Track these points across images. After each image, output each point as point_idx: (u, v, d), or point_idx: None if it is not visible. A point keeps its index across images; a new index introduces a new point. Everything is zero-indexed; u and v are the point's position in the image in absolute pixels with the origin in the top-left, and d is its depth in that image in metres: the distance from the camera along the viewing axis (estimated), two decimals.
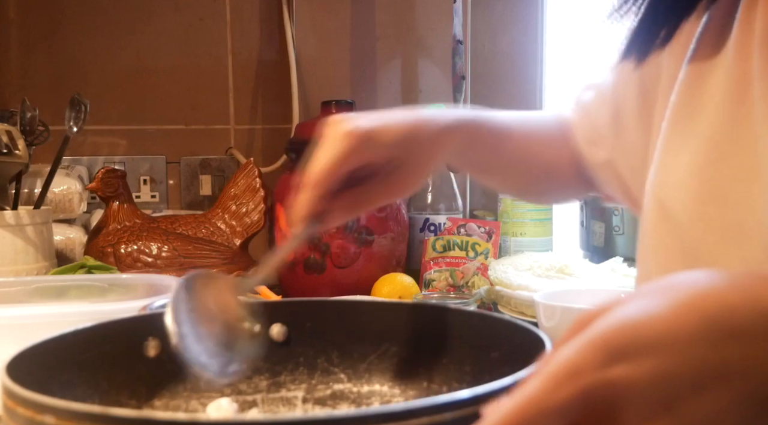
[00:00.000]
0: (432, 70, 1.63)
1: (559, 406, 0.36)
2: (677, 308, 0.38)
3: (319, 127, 0.68)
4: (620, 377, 0.37)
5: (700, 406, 0.37)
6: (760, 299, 0.38)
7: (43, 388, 0.47)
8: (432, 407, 0.41)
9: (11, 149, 1.23)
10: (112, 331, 0.62)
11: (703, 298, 0.38)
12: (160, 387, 0.64)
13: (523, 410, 0.36)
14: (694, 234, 0.62)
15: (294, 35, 1.58)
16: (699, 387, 0.37)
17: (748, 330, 0.37)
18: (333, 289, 1.29)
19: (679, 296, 0.39)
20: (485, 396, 0.41)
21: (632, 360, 0.37)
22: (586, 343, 0.38)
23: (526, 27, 1.64)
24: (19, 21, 1.57)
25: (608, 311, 0.40)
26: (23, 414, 0.44)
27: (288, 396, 0.66)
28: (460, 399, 0.41)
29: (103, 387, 0.61)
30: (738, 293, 0.38)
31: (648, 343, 0.37)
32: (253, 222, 1.37)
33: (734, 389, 0.37)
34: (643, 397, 0.37)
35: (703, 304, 0.38)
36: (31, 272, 1.23)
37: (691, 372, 0.37)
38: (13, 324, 0.87)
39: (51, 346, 0.57)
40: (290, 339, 0.67)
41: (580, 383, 0.37)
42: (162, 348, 0.63)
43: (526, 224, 1.42)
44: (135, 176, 1.60)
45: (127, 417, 0.40)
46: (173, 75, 1.60)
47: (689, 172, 0.63)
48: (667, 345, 0.37)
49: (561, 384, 0.37)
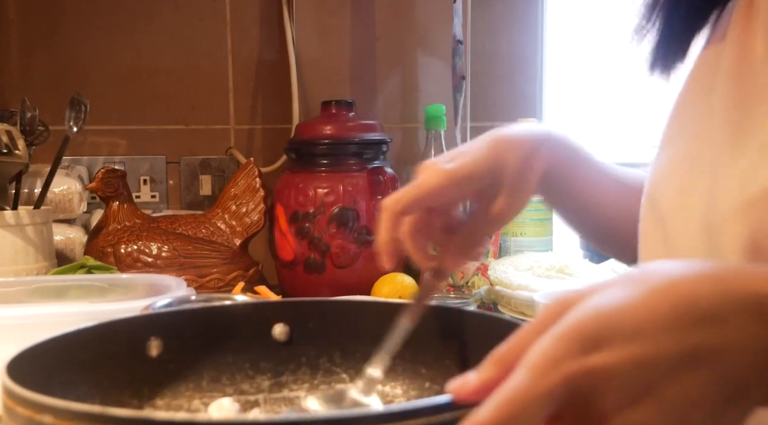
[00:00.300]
0: (432, 71, 1.63)
1: (545, 395, 0.38)
2: (649, 296, 0.39)
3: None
4: (599, 365, 0.38)
5: (677, 389, 0.38)
6: (729, 288, 0.40)
7: (44, 387, 0.47)
8: (433, 407, 0.41)
9: (11, 149, 1.23)
10: (114, 331, 0.62)
11: (674, 286, 0.40)
12: (162, 387, 0.64)
13: (510, 401, 0.37)
14: (674, 226, 0.63)
15: (294, 35, 1.57)
16: (674, 370, 0.38)
17: (718, 315, 0.39)
18: (333, 289, 1.29)
19: (651, 285, 0.40)
20: None
21: (609, 348, 0.38)
22: (563, 334, 0.39)
23: (526, 27, 1.64)
24: (19, 21, 1.56)
25: (581, 301, 0.41)
26: (22, 414, 0.44)
27: (290, 396, 0.66)
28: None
29: (104, 387, 0.61)
30: (708, 282, 0.40)
31: (622, 331, 0.39)
32: (253, 222, 1.37)
33: (708, 372, 0.38)
34: (622, 383, 0.38)
35: (674, 292, 0.40)
36: (31, 272, 1.23)
37: (666, 357, 0.38)
38: (13, 323, 0.87)
39: (53, 345, 0.58)
40: (293, 338, 0.67)
41: (562, 371, 0.38)
42: (164, 348, 0.64)
43: (526, 224, 1.42)
44: (135, 176, 1.60)
45: (125, 416, 0.41)
46: (173, 75, 1.60)
47: (673, 164, 0.65)
48: (641, 332, 0.38)
49: (544, 374, 0.38)
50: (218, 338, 0.66)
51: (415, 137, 1.64)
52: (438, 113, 1.48)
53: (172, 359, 0.64)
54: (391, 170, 1.39)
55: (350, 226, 1.32)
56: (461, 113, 1.46)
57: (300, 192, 1.34)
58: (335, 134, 1.36)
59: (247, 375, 0.66)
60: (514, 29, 1.64)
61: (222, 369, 0.66)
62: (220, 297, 0.83)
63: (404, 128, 1.63)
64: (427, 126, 1.49)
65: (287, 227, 1.34)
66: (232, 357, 0.66)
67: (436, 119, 1.48)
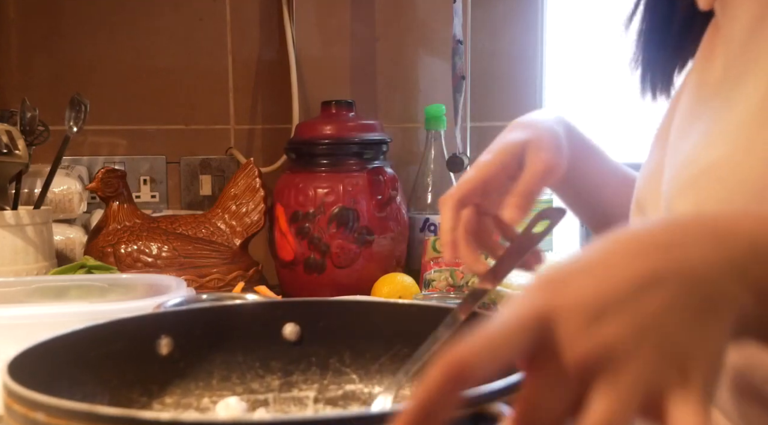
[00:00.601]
0: (432, 70, 1.63)
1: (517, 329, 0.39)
2: (606, 244, 0.42)
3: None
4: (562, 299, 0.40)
5: (642, 305, 0.39)
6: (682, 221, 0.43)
7: (49, 386, 0.47)
8: None
9: (11, 149, 1.23)
10: (124, 329, 0.62)
11: (629, 232, 0.43)
12: (171, 385, 0.64)
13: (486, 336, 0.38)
14: None
15: (294, 35, 1.57)
16: (637, 291, 0.39)
17: (672, 241, 0.41)
18: (333, 289, 1.29)
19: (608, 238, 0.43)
20: (490, 395, 0.42)
21: (569, 286, 0.40)
22: (525, 289, 0.41)
23: (526, 27, 1.64)
24: (19, 21, 1.56)
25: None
26: (18, 411, 0.45)
27: (299, 395, 0.66)
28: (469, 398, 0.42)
29: (113, 385, 0.61)
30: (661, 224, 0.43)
31: (580, 269, 0.41)
32: (253, 222, 1.37)
33: (671, 289, 0.39)
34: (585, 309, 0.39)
35: (628, 234, 0.43)
36: (31, 272, 1.22)
37: (626, 280, 0.40)
38: (13, 324, 0.86)
39: (60, 344, 0.58)
40: (303, 338, 0.67)
41: (529, 311, 0.39)
42: (174, 346, 0.64)
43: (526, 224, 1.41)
44: (135, 176, 1.60)
45: (112, 415, 0.41)
46: (173, 75, 1.60)
47: (656, 170, 0.70)
48: (601, 265, 0.41)
49: (513, 317, 0.39)
50: (228, 337, 0.66)
51: (415, 137, 1.64)
52: (438, 113, 1.48)
53: (182, 357, 0.64)
54: (391, 170, 1.39)
55: (350, 226, 1.32)
56: (461, 113, 1.46)
57: (300, 192, 1.34)
58: (335, 134, 1.37)
59: (257, 374, 0.66)
60: (514, 29, 1.64)
61: (232, 368, 0.66)
62: (231, 296, 0.83)
63: (404, 128, 1.63)
64: (427, 126, 1.49)
65: (287, 227, 1.34)
66: (242, 356, 0.66)
67: (436, 119, 1.48)
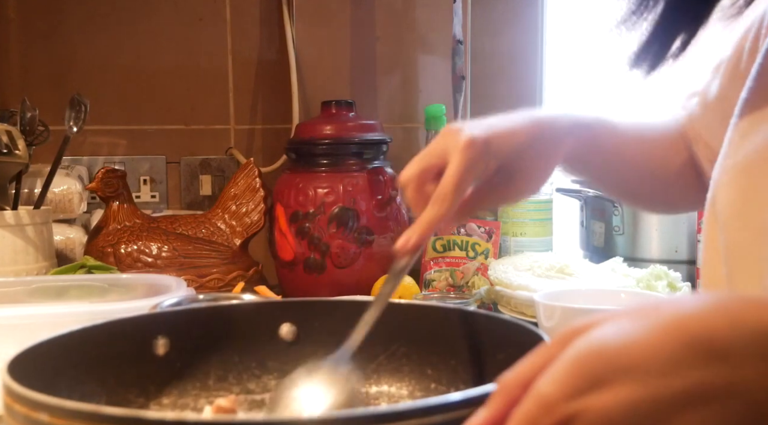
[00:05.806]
0: (432, 71, 1.63)
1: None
2: (657, 331, 0.38)
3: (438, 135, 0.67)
4: (597, 405, 0.37)
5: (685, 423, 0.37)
6: (743, 321, 0.38)
7: (49, 386, 0.47)
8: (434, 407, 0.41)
9: (11, 149, 1.23)
10: (121, 329, 0.62)
11: (685, 320, 0.38)
12: (168, 386, 0.64)
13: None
14: (732, 232, 0.63)
15: (294, 35, 1.58)
16: (681, 407, 0.37)
17: (731, 351, 0.37)
18: (333, 289, 1.29)
19: (660, 318, 0.39)
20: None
21: (608, 387, 0.37)
22: (561, 371, 0.38)
23: (526, 27, 1.64)
24: (19, 21, 1.56)
25: (587, 331, 0.40)
26: (20, 411, 0.45)
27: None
28: (464, 399, 0.42)
29: (111, 385, 0.61)
30: (721, 315, 0.38)
31: (624, 369, 0.37)
32: (253, 222, 1.37)
33: (717, 409, 0.37)
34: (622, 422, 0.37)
35: (684, 326, 0.38)
36: (31, 272, 1.23)
37: (672, 393, 0.37)
38: (13, 324, 0.87)
39: (59, 344, 0.58)
40: (300, 338, 0.67)
41: (560, 412, 0.37)
42: (171, 347, 0.64)
43: (526, 224, 1.42)
44: (135, 176, 1.60)
45: (116, 415, 0.41)
46: (173, 75, 1.60)
47: (738, 171, 0.63)
48: (646, 370, 0.37)
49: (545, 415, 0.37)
50: (225, 337, 0.66)
51: (415, 137, 1.64)
52: (438, 112, 1.48)
53: (179, 358, 0.64)
54: (391, 170, 1.39)
55: (350, 226, 1.32)
56: (461, 112, 1.46)
57: (300, 192, 1.34)
58: (335, 134, 1.37)
59: (254, 374, 0.66)
60: (514, 29, 1.64)
61: (229, 368, 0.66)
62: (227, 297, 0.83)
63: (404, 128, 1.64)
64: (427, 126, 1.49)
65: (287, 227, 1.34)
66: (239, 356, 0.66)
67: (436, 119, 1.48)
